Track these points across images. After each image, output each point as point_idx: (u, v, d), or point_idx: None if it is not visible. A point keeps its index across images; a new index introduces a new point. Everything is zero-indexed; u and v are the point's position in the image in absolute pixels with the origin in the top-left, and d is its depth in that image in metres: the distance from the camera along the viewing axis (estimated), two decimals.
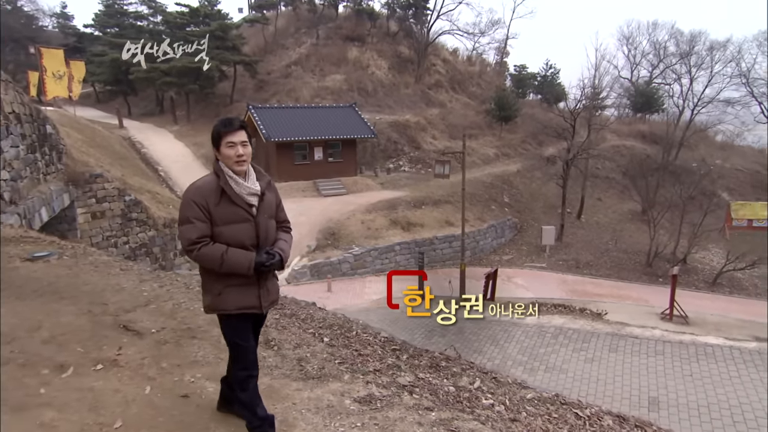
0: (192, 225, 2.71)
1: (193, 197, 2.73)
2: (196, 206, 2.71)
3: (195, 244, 2.70)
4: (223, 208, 2.76)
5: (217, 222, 2.75)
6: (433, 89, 42.28)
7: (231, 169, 2.79)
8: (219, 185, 2.76)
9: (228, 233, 2.75)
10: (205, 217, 2.72)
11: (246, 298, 2.87)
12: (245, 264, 2.76)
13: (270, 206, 2.94)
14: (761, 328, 18.15)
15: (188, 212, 2.72)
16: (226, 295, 2.83)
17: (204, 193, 2.74)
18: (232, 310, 2.85)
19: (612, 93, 43.91)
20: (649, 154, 37.37)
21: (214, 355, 4.69)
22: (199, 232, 2.70)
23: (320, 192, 27.04)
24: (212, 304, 2.89)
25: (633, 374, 8.92)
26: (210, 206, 2.73)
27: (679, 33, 45.37)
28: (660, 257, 25.29)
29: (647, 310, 19.82)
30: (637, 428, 4.16)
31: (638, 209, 31.23)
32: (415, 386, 4.48)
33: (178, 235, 2.89)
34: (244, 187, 2.81)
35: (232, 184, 2.79)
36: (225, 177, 2.78)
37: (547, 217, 29.42)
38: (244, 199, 2.81)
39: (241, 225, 2.79)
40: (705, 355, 9.22)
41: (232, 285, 2.81)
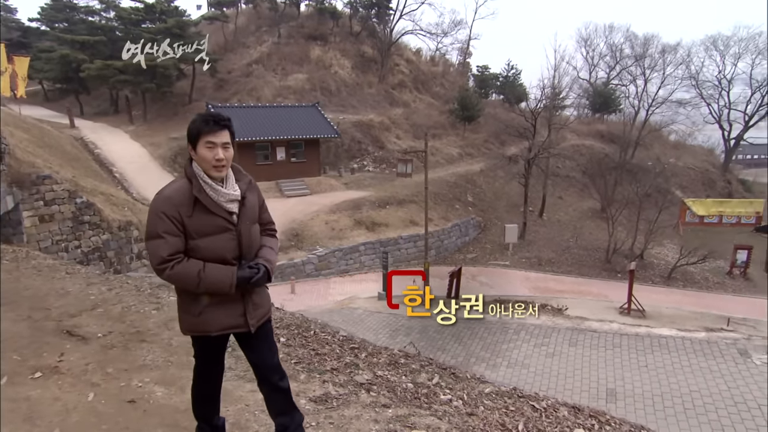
0: (162, 240, 2.36)
1: (163, 208, 2.38)
2: (166, 218, 2.36)
3: (167, 262, 2.35)
4: (199, 218, 2.41)
5: (192, 234, 2.40)
6: (397, 89, 42.40)
7: (207, 174, 2.43)
8: (192, 193, 2.41)
9: (205, 247, 2.42)
10: (177, 231, 2.37)
11: (230, 317, 2.54)
12: (226, 282, 2.43)
13: (252, 210, 2.60)
14: (711, 319, 18.92)
15: (157, 226, 2.37)
16: (207, 315, 2.50)
17: (175, 203, 2.39)
18: (213, 331, 2.53)
19: (571, 93, 45.07)
20: (607, 153, 38.48)
21: (163, 359, 4.52)
22: (170, 249, 2.36)
23: (283, 193, 26.71)
24: (191, 325, 2.55)
25: (592, 367, 9.09)
26: (183, 217, 2.38)
27: (634, 36, 46.97)
28: (618, 253, 26.03)
29: (606, 305, 20.37)
30: (591, 418, 4.22)
31: (597, 207, 32.08)
32: (373, 384, 4.43)
33: (147, 251, 2.45)
34: (222, 194, 2.45)
35: (208, 190, 2.43)
36: (199, 183, 2.42)
37: (510, 215, 29.90)
38: (223, 207, 2.46)
39: (220, 236, 2.45)
40: (659, 346, 9.48)
41: (213, 303, 2.49)
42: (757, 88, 43.85)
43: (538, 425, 3.92)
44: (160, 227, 2.37)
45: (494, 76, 46.20)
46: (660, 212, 27.54)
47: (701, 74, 45.19)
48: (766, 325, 18.78)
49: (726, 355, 8.17)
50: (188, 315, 2.54)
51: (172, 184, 2.50)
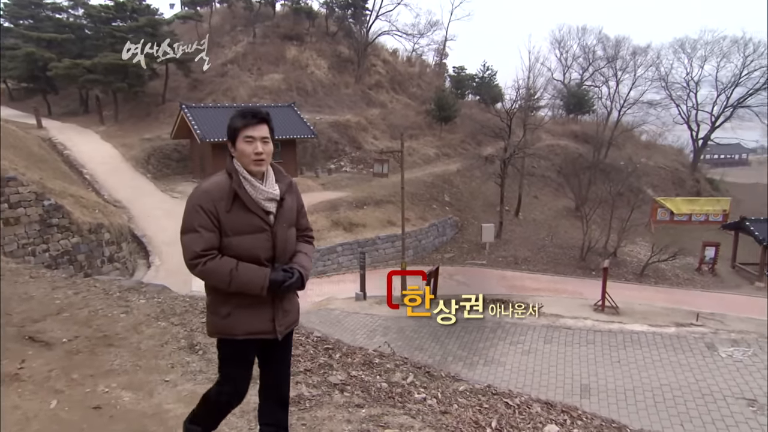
0: (197, 234, 2.30)
1: (200, 202, 2.32)
2: (203, 212, 2.30)
3: (200, 257, 2.29)
4: (236, 215, 2.35)
5: (227, 231, 2.34)
6: (374, 89, 42.39)
7: (247, 169, 2.39)
8: (231, 188, 2.36)
9: (240, 245, 2.35)
10: (213, 226, 2.31)
11: (257, 321, 2.46)
12: (258, 283, 2.34)
13: (290, 213, 2.53)
14: (682, 315, 19.38)
15: (193, 219, 2.31)
16: (235, 317, 2.42)
17: (213, 197, 2.33)
18: (239, 335, 2.44)
19: (546, 94, 45.72)
20: (581, 153, 39.13)
21: (131, 363, 4.41)
22: (205, 244, 2.29)
23: None
24: (218, 327, 2.47)
25: (566, 363, 9.21)
26: (220, 213, 2.32)
27: (606, 38, 47.91)
28: (593, 251, 26.48)
29: (581, 303, 20.70)
30: (564, 413, 4.27)
31: (572, 206, 32.59)
32: (347, 384, 4.40)
33: (181, 245, 2.37)
34: (261, 191, 2.40)
35: (248, 187, 2.38)
36: (239, 178, 2.38)
37: (486, 215, 30.15)
38: (261, 206, 2.40)
39: (255, 236, 2.38)
40: (631, 341, 9.65)
41: (242, 306, 2.40)
42: (723, 90, 45.27)
43: (511, 422, 3.95)
44: (196, 221, 2.31)
45: (470, 76, 46.55)
46: (632, 211, 28.14)
47: (670, 76, 46.45)
48: (732, 319, 19.33)
49: (694, 348, 8.37)
50: (216, 316, 2.46)
51: (211, 178, 2.44)
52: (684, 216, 33.59)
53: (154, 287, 6.46)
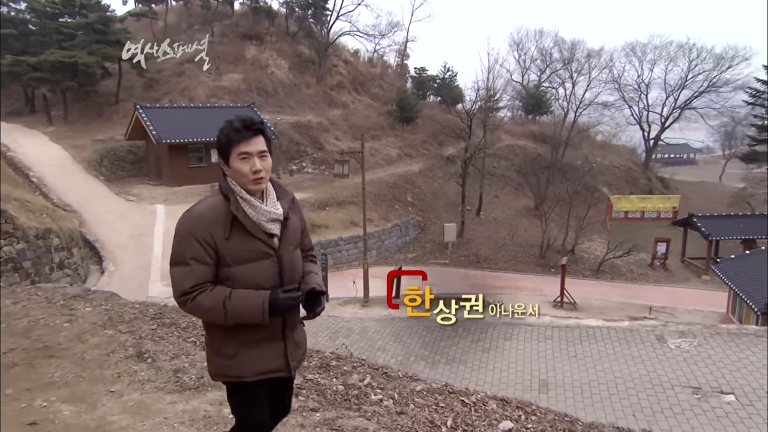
0: (188, 269, 1.99)
1: (193, 230, 2.00)
2: (196, 242, 1.99)
3: (188, 294, 1.99)
4: (236, 241, 2.04)
5: (227, 261, 2.04)
6: (335, 90, 42.21)
7: (244, 189, 2.08)
8: (229, 211, 2.04)
9: (243, 275, 2.05)
10: (208, 258, 2.01)
11: (269, 359, 2.16)
12: (257, 309, 2.02)
13: (295, 233, 2.24)
14: (636, 309, 20.08)
15: (185, 251, 2.00)
16: (243, 356, 2.11)
17: (209, 223, 2.01)
18: (250, 376, 2.14)
19: (505, 95, 46.57)
20: (540, 153, 40.00)
21: (74, 374, 4.20)
22: (196, 279, 2.00)
23: None
24: (224, 369, 2.15)
25: (525, 360, 9.34)
26: (217, 241, 2.01)
27: (562, 41, 49.24)
28: (552, 249, 27.09)
29: (541, 299, 21.15)
30: (518, 409, 4.32)
31: (531, 205, 33.26)
32: (302, 388, 4.32)
33: (171, 277, 2.08)
34: (263, 212, 2.10)
35: (247, 208, 2.07)
36: (237, 199, 2.07)
37: (448, 214, 30.44)
38: (263, 228, 2.10)
39: (259, 263, 2.09)
40: (587, 336, 9.86)
41: (250, 343, 2.11)
42: (671, 93, 47.27)
43: (466, 420, 3.96)
44: (188, 252, 1.99)
45: (431, 77, 46.95)
46: (589, 209, 28.94)
47: (623, 78, 48.17)
48: (681, 311, 20.16)
49: (646, 341, 8.64)
50: (220, 357, 2.15)
51: (204, 200, 2.13)
52: (637, 213, 34.80)
53: (101, 294, 6.20)
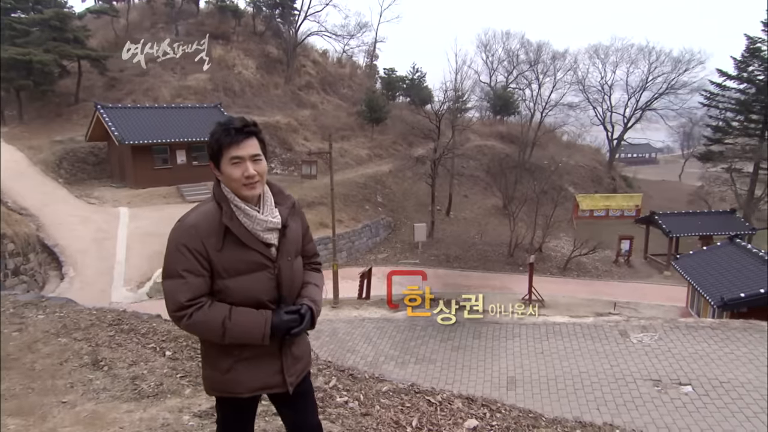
0: (182, 281, 1.90)
1: (185, 240, 1.91)
2: (189, 253, 1.90)
3: (184, 308, 1.89)
4: (230, 253, 1.95)
5: (220, 273, 1.94)
6: (304, 90, 41.90)
7: (238, 195, 1.97)
8: (221, 221, 1.95)
9: (237, 288, 1.96)
10: (201, 270, 1.92)
11: (263, 375, 2.07)
12: (257, 332, 1.94)
13: (296, 241, 2.13)
14: (601, 305, 20.55)
15: (177, 262, 1.91)
16: (237, 372, 2.03)
17: (201, 233, 1.92)
18: (244, 392, 2.06)
19: (473, 96, 47.11)
20: (508, 153, 40.57)
21: (23, 386, 4.02)
22: (191, 292, 1.90)
23: (185, 198, 25.32)
24: (218, 384, 2.08)
25: (494, 357, 9.43)
26: (210, 252, 1.92)
27: (528, 43, 50.04)
28: (520, 247, 27.49)
29: (510, 297, 21.42)
30: (484, 407, 4.33)
31: (500, 204, 33.67)
32: None
33: (163, 292, 1.98)
34: (259, 221, 1.99)
35: (242, 217, 1.97)
36: (230, 208, 1.96)
37: (418, 215, 30.57)
38: (259, 238, 2.00)
39: (255, 275, 1.99)
40: (553, 333, 10.01)
41: (244, 358, 2.02)
42: (632, 94, 48.65)
43: (432, 419, 3.95)
44: (180, 264, 1.90)
45: (400, 78, 47.07)
46: (555, 208, 29.49)
47: (587, 80, 49.29)
48: (644, 306, 20.74)
49: (609, 336, 8.82)
50: (214, 371, 2.06)
51: (197, 208, 2.02)
52: (602, 212, 35.64)
53: (56, 301, 5.95)
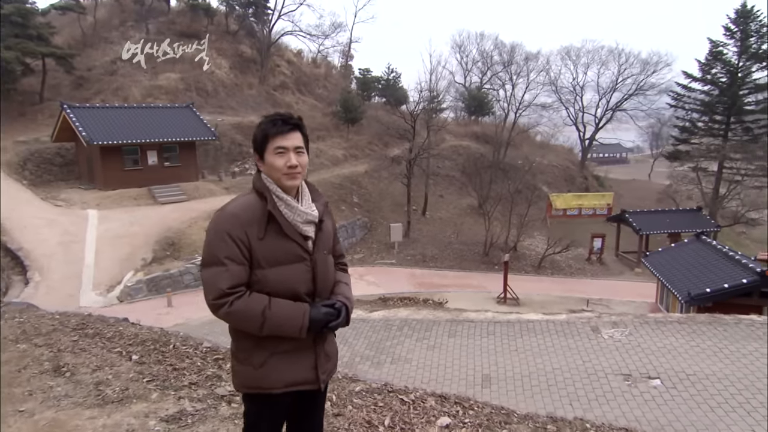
0: (223, 268, 1.90)
1: (228, 228, 1.92)
2: (231, 241, 1.91)
3: (226, 296, 1.89)
4: (271, 242, 1.97)
5: (260, 262, 1.95)
6: (279, 90, 41.52)
7: (278, 185, 2.02)
8: (265, 210, 1.97)
9: (276, 278, 1.96)
10: (242, 258, 1.93)
11: (298, 370, 2.06)
12: (296, 324, 1.95)
13: (329, 237, 2.18)
14: (574, 302, 20.87)
15: (219, 249, 1.91)
16: (271, 366, 2.01)
17: (243, 222, 1.94)
18: (278, 388, 2.04)
19: (448, 96, 47.40)
20: (483, 153, 40.91)
21: None
22: (233, 280, 1.90)
23: (156, 199, 24.84)
24: (250, 380, 2.04)
25: (469, 355, 9.47)
26: (251, 240, 1.94)
27: (502, 44, 50.66)
28: (495, 246, 27.75)
29: (485, 296, 21.63)
30: (457, 404, 4.34)
31: (475, 204, 33.92)
32: (236, 395, 4.15)
33: (203, 280, 1.97)
34: (300, 213, 2.03)
35: (283, 208, 2.00)
36: (273, 198, 2.00)
37: (394, 215, 30.60)
38: (299, 230, 2.03)
39: (293, 266, 2.00)
40: (527, 330, 10.10)
41: (279, 352, 2.01)
42: (603, 95, 49.67)
43: (404, 418, 3.93)
44: (223, 251, 1.91)
45: (376, 78, 47.08)
46: (529, 207, 29.87)
47: (559, 81, 50.13)
48: (616, 303, 21.14)
49: (581, 333, 8.94)
50: (246, 366, 2.03)
51: (238, 199, 2.05)
52: (575, 210, 36.22)
53: (16, 306, 5.74)
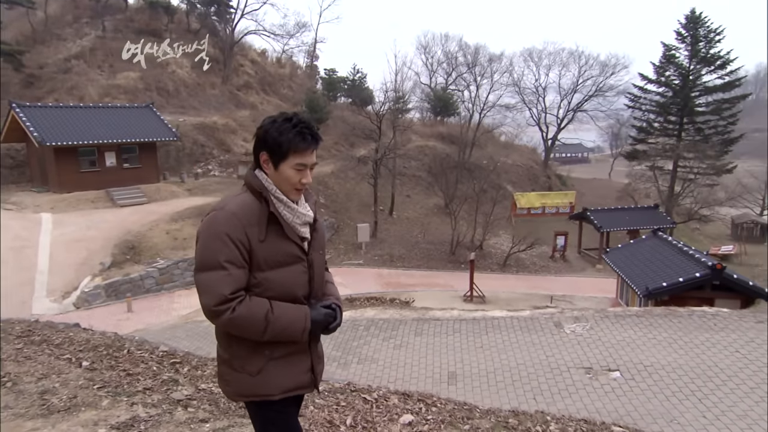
0: (224, 273, 1.79)
1: (228, 229, 1.82)
2: (231, 243, 1.81)
3: (228, 302, 1.79)
4: (272, 244, 1.89)
5: (260, 265, 1.87)
6: (243, 90, 40.87)
7: (284, 193, 1.93)
8: (264, 210, 1.89)
9: (275, 281, 1.89)
10: (243, 261, 1.84)
11: (296, 375, 2.01)
12: (298, 326, 1.89)
13: (322, 237, 2.13)
14: (539, 299, 21.27)
15: (218, 252, 1.80)
16: (268, 372, 1.94)
17: (243, 222, 1.84)
18: (276, 394, 1.96)
19: (414, 97, 47.62)
20: (449, 153, 41.24)
21: None
22: (235, 284, 1.81)
23: (115, 202, 24.06)
24: (248, 388, 1.96)
25: (435, 354, 9.50)
26: (252, 242, 1.85)
27: (466, 46, 51.23)
28: (461, 245, 28.02)
29: (452, 294, 21.80)
30: (419, 402, 4.32)
31: (442, 203, 34.17)
32: (193, 399, 4.02)
33: (199, 286, 1.84)
34: (299, 215, 1.97)
35: (283, 209, 1.93)
36: (273, 200, 1.91)
37: (362, 215, 30.53)
38: (297, 231, 1.97)
39: (292, 268, 1.94)
40: (492, 327, 10.18)
41: (276, 357, 1.94)
42: (565, 96, 50.89)
43: (367, 417, 3.88)
44: (223, 254, 1.79)
45: (341, 79, 46.88)
46: (494, 206, 30.29)
47: (522, 82, 51.09)
48: (579, 298, 21.65)
49: (545, 328, 9.08)
50: (242, 374, 1.94)
51: (233, 199, 1.93)
52: (539, 209, 36.93)
53: None
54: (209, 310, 1.83)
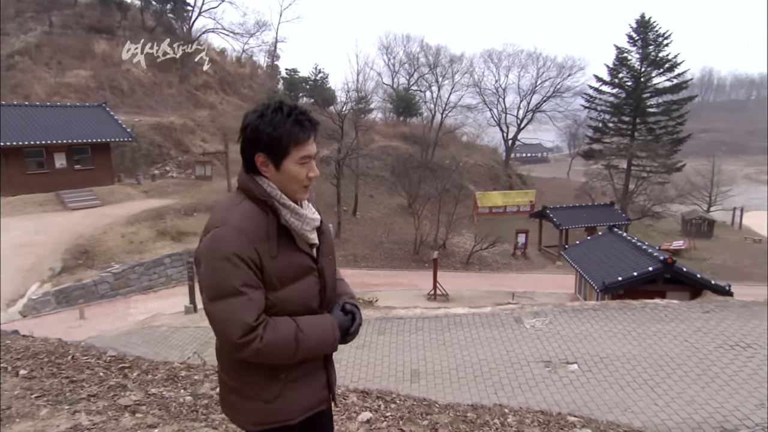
0: (244, 298, 1.55)
1: (237, 248, 1.56)
2: (243, 264, 1.56)
3: (253, 330, 1.55)
4: (284, 259, 1.66)
5: (273, 283, 1.63)
6: (201, 90, 39.97)
7: (289, 196, 1.69)
8: (270, 222, 1.64)
9: (292, 298, 1.67)
10: (258, 281, 1.60)
11: (313, 393, 1.80)
12: (329, 339, 1.70)
13: (330, 239, 1.90)
14: (501, 296, 21.58)
15: (232, 277, 1.55)
16: (286, 397, 1.73)
17: (252, 238, 1.59)
18: (295, 417, 1.75)
19: (376, 97, 47.65)
20: (411, 153, 41.43)
21: None
22: (257, 309, 1.57)
23: (66, 205, 23.07)
24: (265, 416, 1.73)
25: (398, 352, 9.47)
26: (263, 259, 1.60)
27: (428, 47, 51.65)
28: (425, 245, 28.16)
29: (415, 293, 21.87)
30: (378, 399, 4.27)
31: (405, 203, 34.29)
32: (142, 404, 3.84)
33: (215, 318, 1.58)
34: (308, 221, 1.74)
35: (291, 218, 1.69)
36: (282, 208, 1.67)
37: (325, 215, 29.25)
38: (308, 240, 1.74)
39: (305, 280, 1.72)
40: (455, 324, 10.23)
41: (292, 379, 1.73)
42: (524, 97, 51.99)
43: None
44: (237, 278, 1.55)
45: (303, 79, 46.46)
46: (457, 205, 30.57)
47: (482, 83, 51.91)
48: (539, 294, 22.09)
49: (505, 324, 9.18)
50: (256, 402, 1.72)
51: (234, 210, 1.65)
52: (500, 208, 37.53)
53: None
54: (234, 343, 1.58)
